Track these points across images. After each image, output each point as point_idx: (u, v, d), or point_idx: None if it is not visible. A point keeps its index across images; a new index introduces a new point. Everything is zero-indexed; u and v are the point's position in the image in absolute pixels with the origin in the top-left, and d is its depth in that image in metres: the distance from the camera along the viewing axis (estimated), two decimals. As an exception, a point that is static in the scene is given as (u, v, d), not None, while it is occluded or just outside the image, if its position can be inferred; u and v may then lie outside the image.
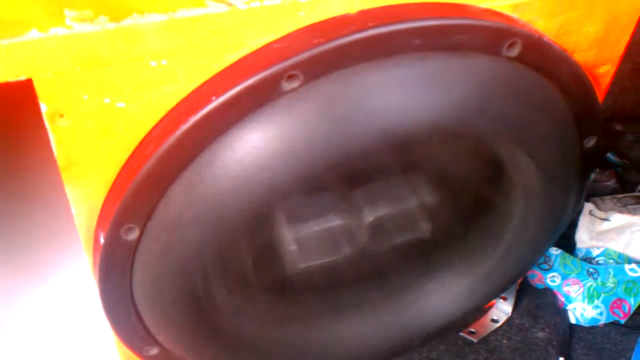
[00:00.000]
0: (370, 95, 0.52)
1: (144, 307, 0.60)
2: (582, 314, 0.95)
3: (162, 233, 0.54)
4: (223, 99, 0.48)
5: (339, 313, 0.79)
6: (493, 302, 0.97)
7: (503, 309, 0.98)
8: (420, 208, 0.76)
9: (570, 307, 0.96)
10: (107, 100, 0.49)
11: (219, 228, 0.55)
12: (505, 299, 0.98)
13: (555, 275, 0.99)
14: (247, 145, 0.51)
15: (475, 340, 0.93)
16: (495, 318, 0.97)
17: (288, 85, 0.50)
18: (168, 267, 0.57)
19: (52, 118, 0.48)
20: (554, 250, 1.00)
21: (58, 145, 0.50)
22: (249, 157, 0.51)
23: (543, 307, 0.98)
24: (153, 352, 0.66)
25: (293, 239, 0.71)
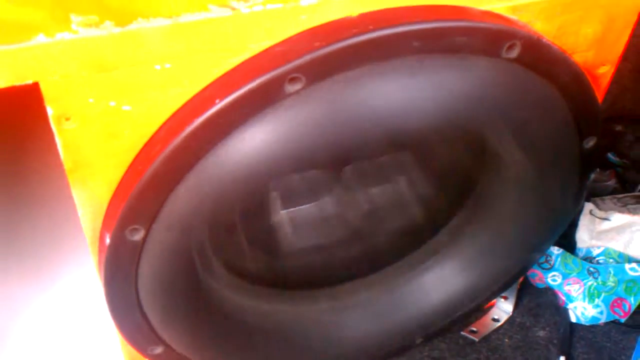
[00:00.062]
0: (372, 98, 0.53)
1: (149, 306, 0.60)
2: (582, 313, 0.96)
3: (167, 233, 0.54)
4: (227, 102, 0.49)
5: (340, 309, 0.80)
6: (494, 301, 0.97)
7: (504, 308, 0.98)
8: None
9: (571, 306, 0.97)
10: (112, 103, 0.49)
11: (224, 228, 0.55)
12: (506, 298, 0.99)
13: (556, 275, 0.99)
14: (251, 147, 0.51)
15: (477, 340, 0.94)
16: (497, 317, 0.97)
17: (291, 88, 0.50)
18: (173, 267, 0.58)
19: (58, 121, 0.49)
20: (555, 250, 1.00)
21: (64, 148, 0.50)
22: (253, 158, 0.52)
23: (544, 306, 0.99)
24: (158, 350, 0.66)
25: (290, 224, 0.72)
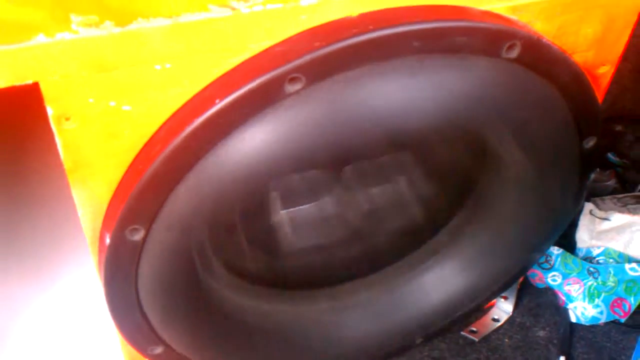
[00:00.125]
0: (372, 98, 0.53)
1: (149, 306, 0.60)
2: (582, 313, 0.96)
3: (167, 233, 0.54)
4: (227, 102, 0.49)
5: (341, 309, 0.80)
6: (494, 301, 0.97)
7: (504, 308, 0.98)
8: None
9: (571, 306, 0.97)
10: (112, 103, 0.49)
11: (224, 228, 0.55)
12: (506, 298, 0.99)
13: (556, 275, 0.99)
14: (250, 147, 0.51)
15: (477, 340, 0.94)
16: (497, 317, 0.97)
17: (291, 88, 0.50)
18: (173, 267, 0.58)
19: (58, 121, 0.49)
20: (555, 250, 1.00)
21: (64, 148, 0.50)
22: (253, 158, 0.52)
23: (544, 306, 0.99)
24: (157, 350, 0.66)
25: (290, 224, 0.72)
